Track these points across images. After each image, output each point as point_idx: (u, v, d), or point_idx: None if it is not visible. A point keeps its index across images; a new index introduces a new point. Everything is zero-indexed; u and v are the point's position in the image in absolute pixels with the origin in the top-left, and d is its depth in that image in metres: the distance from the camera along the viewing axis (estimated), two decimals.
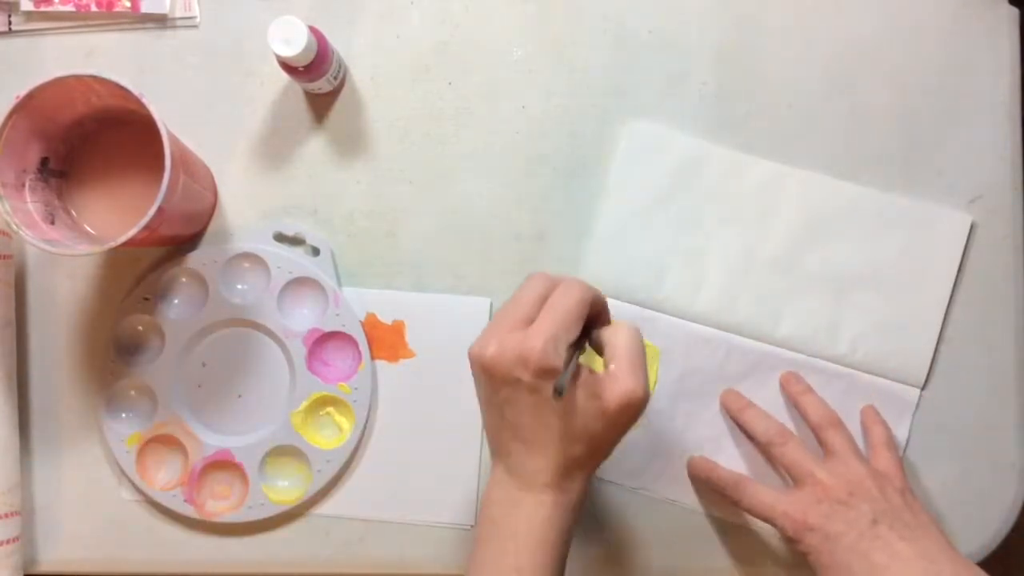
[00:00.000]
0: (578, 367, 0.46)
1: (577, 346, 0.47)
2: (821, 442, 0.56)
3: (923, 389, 0.59)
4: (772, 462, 0.58)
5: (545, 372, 0.44)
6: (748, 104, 0.60)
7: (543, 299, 0.47)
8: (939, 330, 0.59)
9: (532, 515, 0.46)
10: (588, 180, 0.60)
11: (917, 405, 0.59)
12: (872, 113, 0.60)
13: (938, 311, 0.59)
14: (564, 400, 0.45)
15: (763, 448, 0.57)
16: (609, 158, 0.60)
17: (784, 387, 0.59)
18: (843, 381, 0.59)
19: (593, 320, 0.49)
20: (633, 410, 0.46)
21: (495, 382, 0.46)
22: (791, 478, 0.55)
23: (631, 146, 0.60)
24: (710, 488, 0.58)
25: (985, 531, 0.58)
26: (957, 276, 0.59)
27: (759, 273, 0.59)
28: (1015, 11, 0.61)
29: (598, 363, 0.48)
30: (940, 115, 0.60)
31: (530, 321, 0.46)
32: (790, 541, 0.52)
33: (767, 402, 0.59)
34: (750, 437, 0.58)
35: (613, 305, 0.59)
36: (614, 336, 0.47)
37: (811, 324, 0.59)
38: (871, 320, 0.59)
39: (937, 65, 0.60)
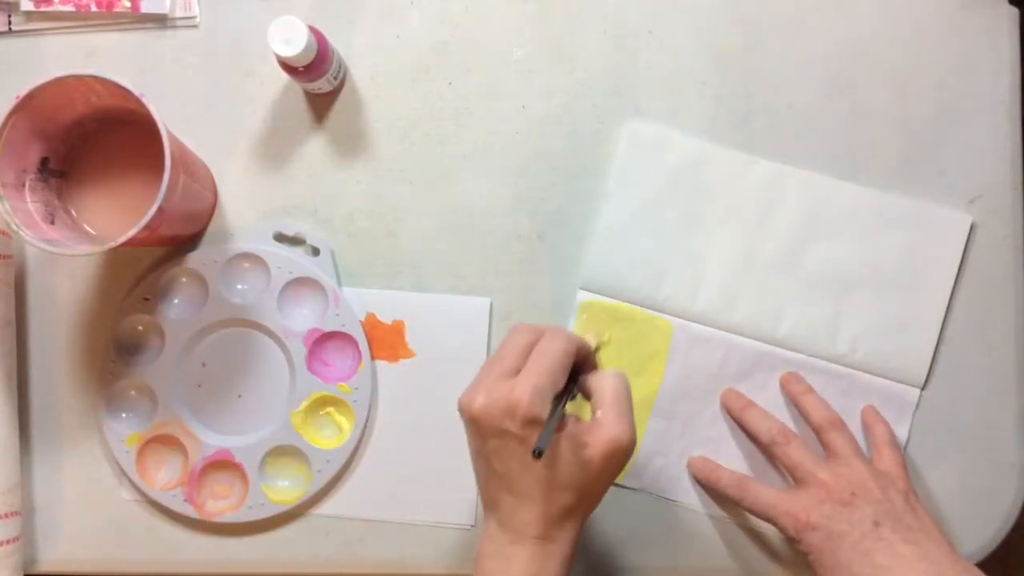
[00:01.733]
0: (563, 418, 0.47)
1: (563, 397, 0.47)
2: (823, 443, 0.56)
3: (923, 389, 0.59)
4: (774, 462, 0.58)
5: (532, 422, 0.44)
6: (748, 104, 0.60)
7: (529, 349, 0.47)
8: (939, 330, 0.59)
9: (524, 569, 0.46)
10: (588, 180, 0.60)
11: (917, 405, 0.59)
12: (872, 113, 0.60)
13: (938, 311, 0.59)
14: (551, 450, 0.45)
15: (765, 448, 0.57)
16: (609, 158, 0.60)
17: (785, 387, 0.59)
18: (843, 381, 0.59)
19: (579, 367, 0.50)
20: (620, 457, 0.46)
21: (483, 433, 0.46)
22: (793, 478, 0.55)
23: (631, 146, 0.60)
24: (711, 489, 0.58)
25: (985, 531, 0.58)
26: (957, 276, 0.59)
27: (759, 273, 0.59)
28: (1015, 11, 0.61)
29: (586, 410, 0.49)
30: (940, 115, 0.60)
31: (517, 372, 0.46)
32: (791, 540, 0.52)
33: (767, 402, 0.59)
34: (751, 437, 0.58)
35: (613, 305, 0.59)
36: (600, 382, 0.48)
37: (811, 324, 0.59)
38: (871, 320, 0.59)
39: (937, 65, 0.60)
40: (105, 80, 0.50)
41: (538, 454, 0.42)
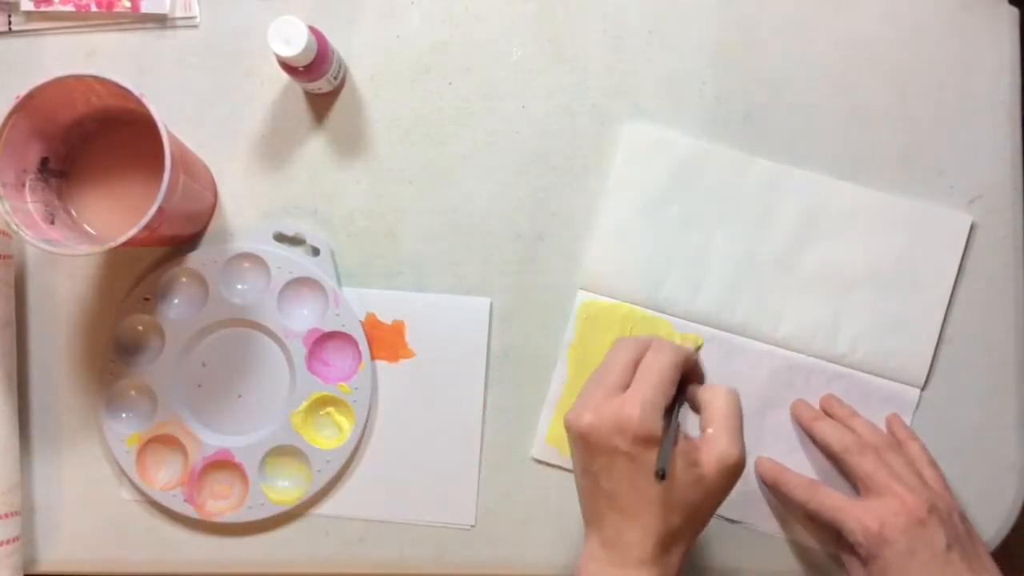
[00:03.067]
0: (676, 433, 0.45)
1: (674, 411, 0.46)
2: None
3: (923, 389, 0.59)
4: (845, 470, 0.56)
5: (643, 439, 0.43)
6: (748, 104, 0.60)
7: (635, 363, 0.46)
8: (939, 330, 0.59)
9: None
10: (588, 180, 0.60)
11: (917, 405, 0.59)
12: (872, 113, 0.60)
13: (938, 311, 0.59)
14: None
15: (838, 456, 0.55)
16: (609, 158, 0.60)
17: (828, 411, 0.58)
18: (843, 381, 0.59)
19: (686, 379, 0.48)
20: (732, 475, 0.45)
21: (592, 450, 0.45)
22: (865, 488, 0.54)
23: (631, 146, 0.60)
24: (777, 489, 0.57)
25: (985, 531, 0.58)
26: (957, 276, 0.59)
27: (759, 273, 0.59)
28: (1015, 11, 0.61)
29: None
30: (940, 115, 0.60)
31: (624, 387, 0.45)
32: (847, 547, 0.52)
33: (767, 402, 0.59)
34: (821, 447, 0.57)
35: (613, 305, 0.59)
36: (713, 398, 0.47)
37: (811, 324, 0.59)
38: (871, 320, 0.59)
39: (937, 65, 0.60)
40: (105, 80, 0.49)
41: (661, 475, 0.42)
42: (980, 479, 0.59)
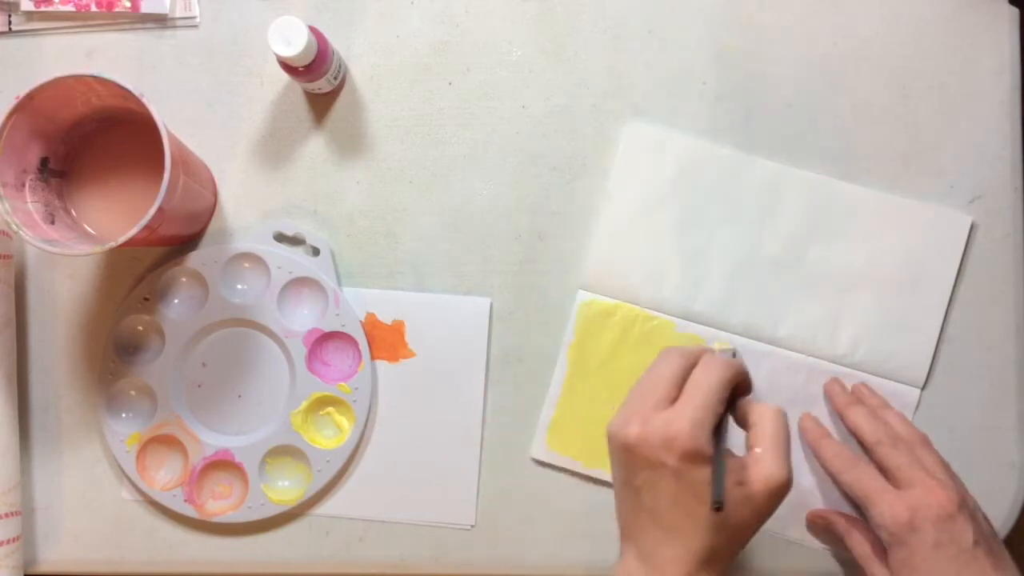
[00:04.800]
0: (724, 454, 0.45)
1: (722, 429, 0.46)
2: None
3: (923, 389, 0.59)
4: (875, 460, 0.56)
5: (692, 456, 0.43)
6: (748, 104, 0.60)
7: (683, 376, 0.46)
8: (939, 330, 0.59)
9: None
10: (588, 180, 0.60)
11: (917, 405, 0.59)
12: (872, 113, 0.60)
13: (938, 311, 0.59)
14: (707, 485, 0.43)
15: (870, 446, 0.55)
16: (609, 158, 0.60)
17: (859, 399, 0.58)
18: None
19: (734, 393, 0.48)
20: (779, 496, 0.44)
21: (636, 464, 0.44)
22: (894, 480, 0.53)
23: (631, 146, 0.60)
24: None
25: None
26: (957, 276, 0.59)
27: (759, 273, 0.59)
28: (1015, 11, 0.61)
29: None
30: (940, 115, 0.60)
31: (671, 400, 0.45)
32: (879, 529, 0.51)
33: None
34: (854, 433, 0.57)
35: (613, 305, 0.59)
36: (761, 418, 0.46)
37: (811, 324, 0.59)
38: (871, 320, 0.59)
39: (937, 65, 0.60)
40: (105, 80, 0.49)
41: (718, 506, 0.41)
42: (980, 479, 0.58)
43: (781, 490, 0.44)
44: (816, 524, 0.58)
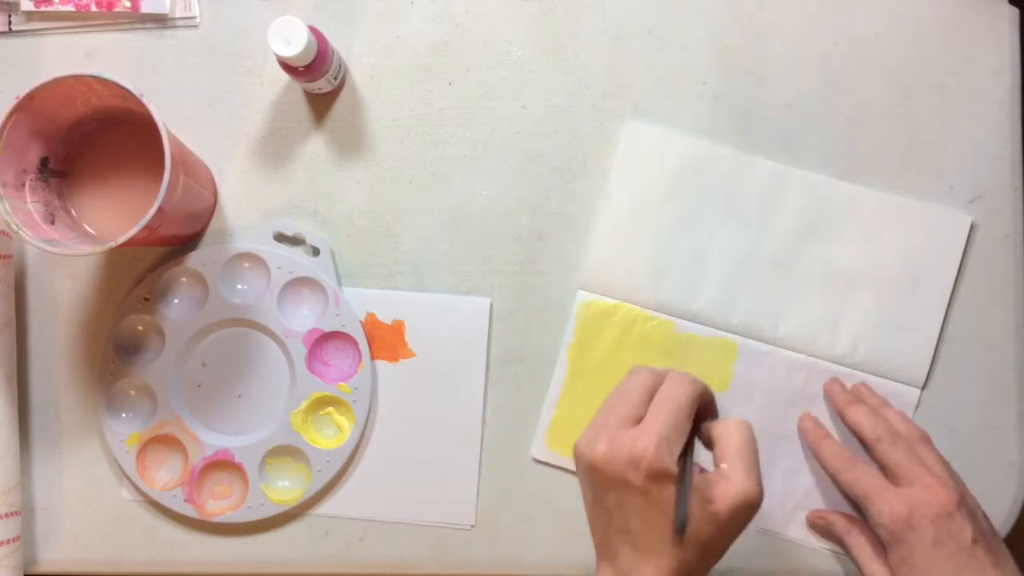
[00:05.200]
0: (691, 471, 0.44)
1: (688, 449, 0.45)
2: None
3: (923, 389, 0.59)
4: (875, 458, 0.56)
5: (657, 475, 0.42)
6: (748, 104, 0.60)
7: (650, 393, 0.46)
8: (939, 330, 0.59)
9: None
10: (588, 180, 0.60)
11: (917, 405, 0.59)
12: (872, 113, 0.60)
13: (938, 311, 0.59)
14: (677, 505, 0.43)
15: (870, 443, 0.55)
16: (609, 158, 0.60)
17: (859, 398, 0.58)
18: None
19: (701, 413, 0.47)
20: (747, 513, 0.44)
21: (604, 483, 0.44)
22: (894, 477, 0.53)
23: (631, 146, 0.60)
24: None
25: None
26: (957, 276, 0.59)
27: (759, 273, 0.59)
28: (1015, 11, 0.61)
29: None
30: (940, 115, 0.60)
31: (638, 419, 0.44)
32: (878, 528, 0.51)
33: (767, 402, 0.59)
34: (854, 431, 0.57)
35: (613, 305, 0.59)
36: (726, 431, 0.45)
37: (811, 324, 0.59)
38: (871, 320, 0.59)
39: (937, 65, 0.60)
40: (105, 80, 0.49)
41: (681, 530, 0.41)
42: (980, 479, 0.58)
43: (748, 505, 0.43)
44: (816, 524, 0.58)
